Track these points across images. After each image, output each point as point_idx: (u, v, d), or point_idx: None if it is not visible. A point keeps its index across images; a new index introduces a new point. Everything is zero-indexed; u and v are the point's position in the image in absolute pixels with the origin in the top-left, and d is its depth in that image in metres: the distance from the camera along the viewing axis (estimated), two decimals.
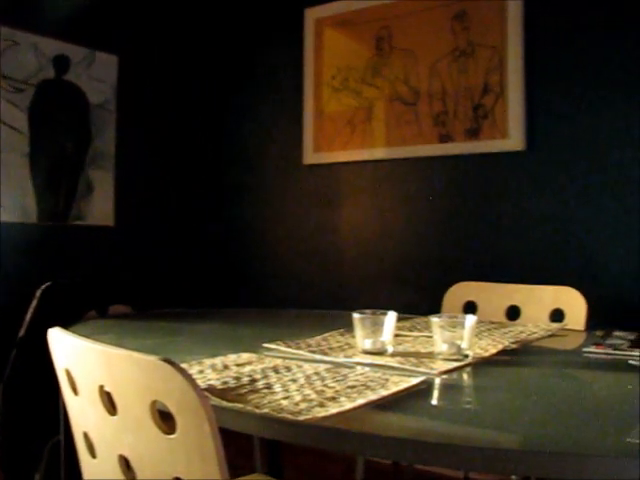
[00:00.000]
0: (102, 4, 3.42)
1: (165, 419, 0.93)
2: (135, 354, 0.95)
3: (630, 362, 1.41)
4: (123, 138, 3.54)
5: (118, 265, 3.50)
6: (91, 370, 1.03)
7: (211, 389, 1.12)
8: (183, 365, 1.15)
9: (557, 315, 2.11)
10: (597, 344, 1.59)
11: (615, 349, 1.53)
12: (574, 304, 2.09)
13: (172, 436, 0.91)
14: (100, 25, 3.43)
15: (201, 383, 1.15)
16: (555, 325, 1.97)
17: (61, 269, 3.18)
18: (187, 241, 3.89)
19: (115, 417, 1.00)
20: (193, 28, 3.91)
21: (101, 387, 1.00)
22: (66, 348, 1.09)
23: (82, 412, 1.10)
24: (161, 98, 3.77)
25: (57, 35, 3.22)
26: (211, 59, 3.96)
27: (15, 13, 3.07)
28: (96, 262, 3.40)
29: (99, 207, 3.43)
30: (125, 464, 1.01)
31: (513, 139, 2.93)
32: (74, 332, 1.09)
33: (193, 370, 1.25)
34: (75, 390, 1.09)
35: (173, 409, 0.90)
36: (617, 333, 1.74)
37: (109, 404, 1.00)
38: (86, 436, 1.10)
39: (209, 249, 3.94)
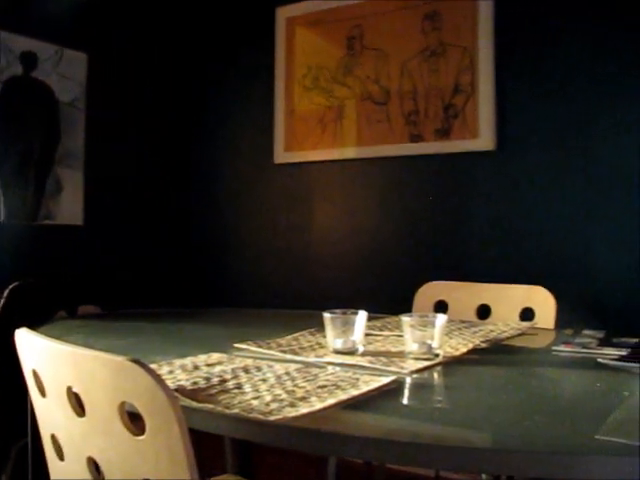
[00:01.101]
0: (71, 1, 3.38)
1: (134, 420, 0.92)
2: (103, 355, 0.94)
3: (599, 360, 1.42)
4: (92, 137, 3.51)
5: (87, 265, 3.46)
6: (59, 371, 1.01)
7: (181, 390, 1.11)
8: (152, 365, 1.14)
9: (527, 314, 2.12)
10: (566, 343, 1.61)
11: (584, 347, 1.54)
12: (544, 303, 2.10)
13: (141, 437, 0.90)
14: (69, 22, 3.39)
15: (171, 384, 1.14)
16: (525, 324, 1.98)
17: (29, 269, 3.13)
18: (157, 241, 3.87)
19: (83, 419, 0.98)
20: (163, 26, 3.88)
21: (69, 388, 0.99)
22: (33, 349, 1.07)
23: (50, 414, 1.08)
24: (131, 96, 3.74)
25: (25, 32, 3.18)
26: (181, 57, 3.94)
27: None
28: (65, 262, 3.36)
29: (68, 206, 3.39)
30: (94, 466, 1.00)
31: (483, 139, 2.95)
32: (42, 333, 1.07)
33: (162, 371, 1.24)
34: (43, 391, 1.07)
35: (142, 410, 0.89)
36: (586, 332, 1.76)
37: (77, 405, 0.99)
38: (54, 438, 1.09)
39: (179, 249, 3.92)
